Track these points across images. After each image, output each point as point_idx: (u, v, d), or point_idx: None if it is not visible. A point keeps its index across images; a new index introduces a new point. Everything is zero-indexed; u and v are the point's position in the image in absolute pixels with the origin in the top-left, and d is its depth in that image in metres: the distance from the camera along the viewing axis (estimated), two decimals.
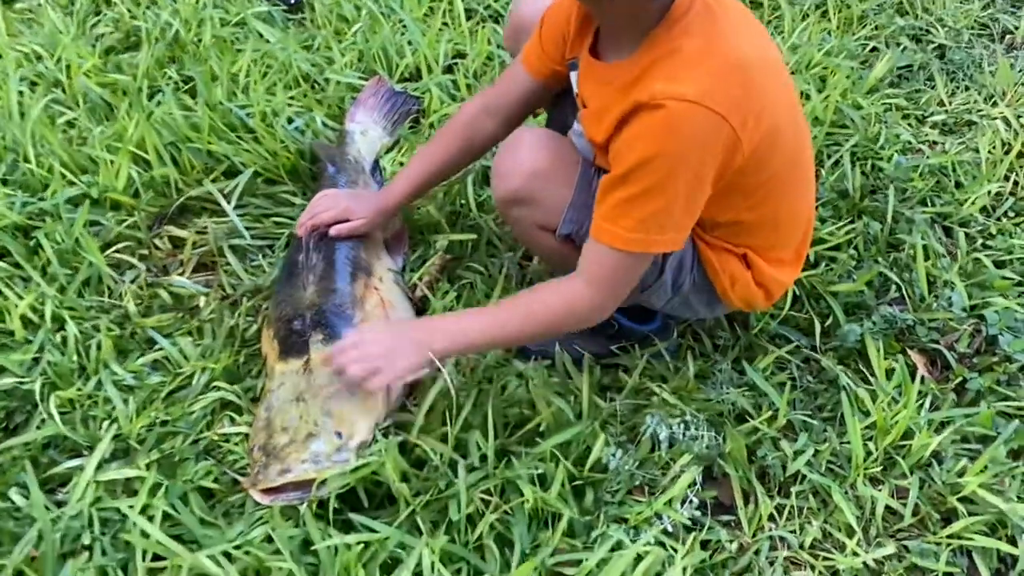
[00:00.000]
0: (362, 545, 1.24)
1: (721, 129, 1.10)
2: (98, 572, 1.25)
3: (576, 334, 1.53)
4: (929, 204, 1.85)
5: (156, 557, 1.26)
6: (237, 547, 1.25)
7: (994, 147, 1.97)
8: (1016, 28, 2.39)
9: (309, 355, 1.40)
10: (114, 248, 1.72)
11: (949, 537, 1.34)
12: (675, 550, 1.29)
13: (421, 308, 1.61)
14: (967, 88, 2.17)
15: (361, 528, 1.27)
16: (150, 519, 1.28)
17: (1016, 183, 1.92)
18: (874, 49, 2.27)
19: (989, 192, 1.87)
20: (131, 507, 1.29)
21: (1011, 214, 1.85)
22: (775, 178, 1.24)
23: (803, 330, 1.62)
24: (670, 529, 1.31)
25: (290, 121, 1.92)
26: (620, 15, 1.16)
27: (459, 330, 1.32)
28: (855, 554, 1.31)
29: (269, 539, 1.27)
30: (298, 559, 1.23)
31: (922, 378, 1.54)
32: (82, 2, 2.23)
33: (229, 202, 1.77)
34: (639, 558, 1.25)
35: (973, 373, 1.54)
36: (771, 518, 1.36)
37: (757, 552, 1.33)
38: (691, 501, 1.34)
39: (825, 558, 1.32)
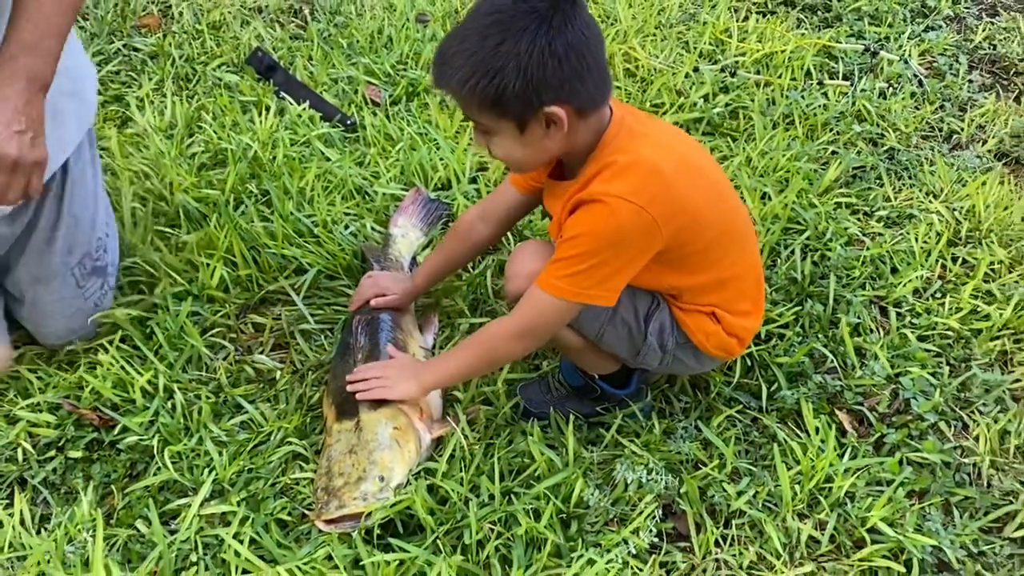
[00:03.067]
0: (398, 562, 1.57)
1: (641, 217, 1.47)
2: None
3: (567, 398, 1.91)
4: (868, 288, 2.17)
5: (245, 571, 1.61)
6: (305, 563, 1.59)
7: (928, 237, 2.31)
8: (961, 129, 2.73)
9: (359, 417, 1.77)
10: (210, 333, 2.07)
11: (859, 560, 1.66)
12: (640, 569, 1.66)
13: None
14: (911, 186, 2.50)
15: (397, 549, 1.59)
16: (241, 542, 1.62)
17: (944, 267, 2.25)
18: (834, 152, 2.61)
19: (920, 276, 2.19)
20: (227, 534, 1.62)
21: (938, 295, 2.16)
22: (708, 249, 1.61)
23: (753, 394, 1.96)
24: (634, 552, 1.67)
25: (346, 227, 2.32)
26: (574, 146, 1.54)
27: (441, 366, 1.79)
28: (781, 572, 1.67)
29: (329, 558, 1.60)
30: (350, 573, 1.58)
31: (844, 432, 1.89)
32: (179, 128, 2.70)
33: (298, 295, 2.15)
34: (608, 572, 1.61)
35: (890, 430, 1.87)
36: (717, 544, 1.69)
37: (704, 571, 1.66)
38: (650, 530, 1.70)
39: None
